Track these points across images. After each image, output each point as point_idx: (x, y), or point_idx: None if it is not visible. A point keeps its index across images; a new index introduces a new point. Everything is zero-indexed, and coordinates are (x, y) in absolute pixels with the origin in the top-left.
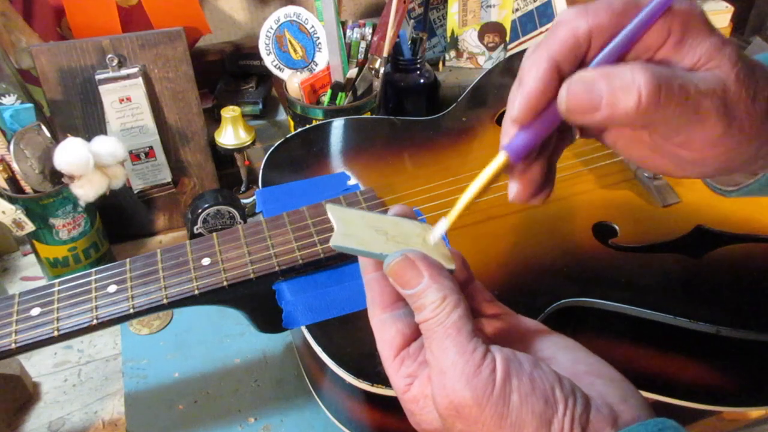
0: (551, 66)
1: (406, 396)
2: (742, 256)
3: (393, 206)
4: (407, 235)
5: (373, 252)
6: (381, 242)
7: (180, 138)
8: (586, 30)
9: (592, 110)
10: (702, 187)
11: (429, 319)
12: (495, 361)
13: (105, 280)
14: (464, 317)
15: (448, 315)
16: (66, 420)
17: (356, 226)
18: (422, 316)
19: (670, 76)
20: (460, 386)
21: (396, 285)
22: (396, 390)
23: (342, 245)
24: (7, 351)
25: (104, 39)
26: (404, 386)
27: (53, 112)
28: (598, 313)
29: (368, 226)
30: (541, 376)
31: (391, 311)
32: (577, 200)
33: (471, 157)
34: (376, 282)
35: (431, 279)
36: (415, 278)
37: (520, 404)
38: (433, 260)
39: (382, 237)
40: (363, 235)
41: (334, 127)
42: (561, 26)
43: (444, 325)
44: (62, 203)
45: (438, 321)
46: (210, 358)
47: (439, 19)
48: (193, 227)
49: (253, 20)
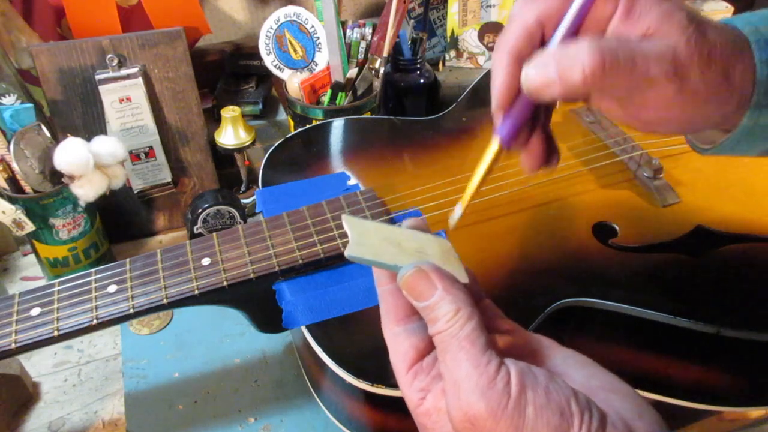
0: (512, 59)
1: (420, 410)
2: (742, 256)
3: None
4: (421, 248)
5: (387, 263)
6: (395, 254)
7: (180, 138)
8: (535, 19)
9: (548, 88)
10: (702, 187)
11: (442, 331)
12: (510, 373)
13: (105, 280)
14: (478, 330)
15: (462, 327)
16: (66, 420)
17: (371, 237)
18: (436, 328)
19: (614, 48)
20: (474, 398)
21: (409, 297)
22: (409, 404)
23: (357, 255)
24: (7, 351)
25: (104, 39)
26: (417, 400)
27: (53, 112)
28: (598, 313)
29: (383, 238)
30: (556, 389)
31: (405, 324)
32: (577, 200)
33: (471, 157)
34: (390, 294)
35: (445, 291)
36: (429, 290)
37: (535, 417)
38: (446, 272)
39: (396, 249)
40: (377, 246)
41: (334, 127)
42: (512, 21)
43: (458, 337)
44: (62, 203)
45: (451, 333)
46: (210, 358)
47: (439, 19)
48: (193, 227)
49: (253, 20)
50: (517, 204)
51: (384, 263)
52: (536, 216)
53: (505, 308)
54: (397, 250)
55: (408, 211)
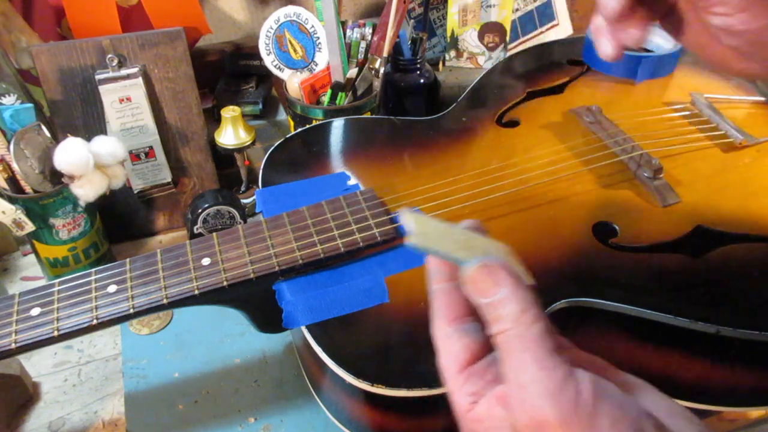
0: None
1: (470, 415)
2: (742, 256)
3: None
4: (484, 246)
5: (453, 255)
6: (457, 248)
7: (180, 138)
8: None
9: None
10: (702, 186)
11: (507, 330)
12: (581, 381)
13: (105, 280)
14: (545, 332)
15: (528, 328)
16: (66, 420)
17: (431, 230)
18: (499, 327)
19: None
20: (542, 402)
21: (472, 293)
22: (457, 407)
23: (421, 245)
24: (7, 351)
25: (104, 39)
26: (468, 404)
27: (53, 112)
28: (598, 313)
29: (443, 233)
30: (630, 403)
31: (458, 325)
32: (577, 200)
33: (471, 157)
34: (444, 293)
35: (512, 289)
36: (495, 287)
37: (610, 429)
38: (514, 270)
39: (457, 244)
40: (440, 239)
41: (334, 127)
42: None
43: (524, 337)
44: (62, 203)
45: (517, 333)
46: (210, 358)
47: (439, 19)
48: (193, 227)
49: (253, 20)
50: (517, 204)
51: (449, 255)
52: (536, 216)
53: None
54: (458, 245)
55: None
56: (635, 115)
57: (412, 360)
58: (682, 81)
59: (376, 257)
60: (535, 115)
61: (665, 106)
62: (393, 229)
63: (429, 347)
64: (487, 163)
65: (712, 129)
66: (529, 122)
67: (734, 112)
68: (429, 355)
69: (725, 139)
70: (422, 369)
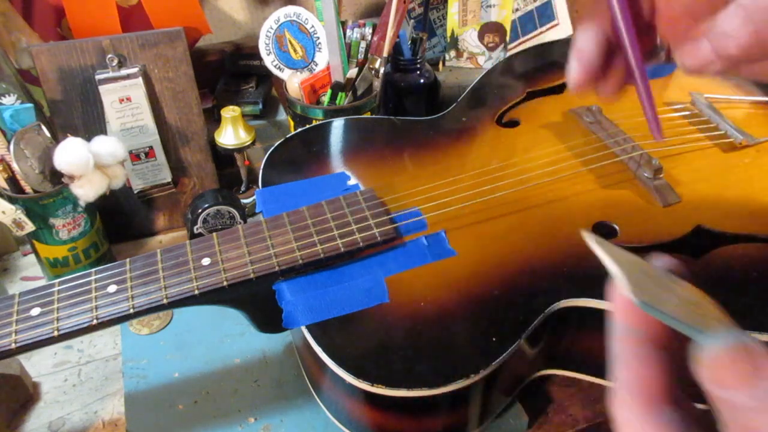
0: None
1: None
2: (742, 256)
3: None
4: (695, 299)
5: (689, 324)
6: (676, 305)
7: (180, 138)
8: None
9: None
10: (702, 186)
11: None
12: None
13: (105, 280)
14: None
15: None
16: (66, 420)
17: (634, 271)
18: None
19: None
20: None
21: (713, 382)
22: None
23: (651, 305)
24: (7, 351)
25: (104, 39)
26: None
27: (53, 112)
28: (598, 313)
29: (647, 276)
30: None
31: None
32: (577, 200)
33: (471, 157)
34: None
35: None
36: (752, 378)
37: None
38: None
39: (673, 297)
40: (655, 291)
41: (334, 127)
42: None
43: None
44: (62, 203)
45: None
46: (210, 358)
47: (439, 19)
48: (193, 227)
49: (253, 20)
50: (517, 204)
51: (684, 323)
52: (536, 216)
53: (505, 308)
54: (675, 299)
55: (408, 211)
56: (635, 115)
57: (412, 360)
58: (682, 81)
59: (376, 257)
60: (535, 115)
61: (665, 106)
62: (393, 229)
63: (429, 347)
64: (487, 163)
65: (712, 129)
66: (529, 122)
67: (734, 112)
68: (429, 355)
69: (725, 139)
70: (422, 369)
